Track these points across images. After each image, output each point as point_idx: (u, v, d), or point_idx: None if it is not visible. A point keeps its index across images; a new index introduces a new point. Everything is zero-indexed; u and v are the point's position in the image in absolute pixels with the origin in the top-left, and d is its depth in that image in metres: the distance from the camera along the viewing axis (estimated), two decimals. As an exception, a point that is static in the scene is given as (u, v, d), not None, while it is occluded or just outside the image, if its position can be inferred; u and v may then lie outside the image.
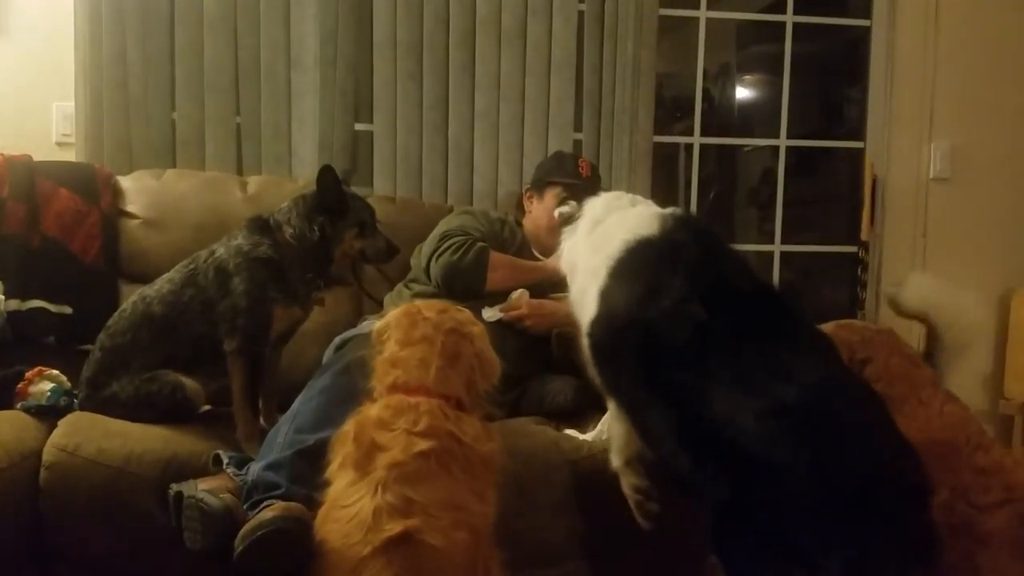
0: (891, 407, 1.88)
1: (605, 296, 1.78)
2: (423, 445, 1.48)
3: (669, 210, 1.90)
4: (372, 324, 2.24)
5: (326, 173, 2.12)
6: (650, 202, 2.03)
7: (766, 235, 3.82)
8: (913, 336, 3.30)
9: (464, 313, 1.75)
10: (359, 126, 3.14)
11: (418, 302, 1.78)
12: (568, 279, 2.05)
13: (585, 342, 1.83)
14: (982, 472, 1.75)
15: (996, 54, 3.55)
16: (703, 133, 3.55)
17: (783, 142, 3.62)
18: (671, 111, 3.97)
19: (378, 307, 2.58)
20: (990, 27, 3.55)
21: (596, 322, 1.79)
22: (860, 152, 3.65)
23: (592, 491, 1.99)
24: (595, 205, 2.04)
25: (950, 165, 3.51)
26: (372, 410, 1.57)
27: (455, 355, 1.64)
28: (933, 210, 3.53)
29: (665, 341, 1.61)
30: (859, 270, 3.53)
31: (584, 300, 1.86)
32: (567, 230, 2.08)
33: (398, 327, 1.68)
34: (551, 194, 2.65)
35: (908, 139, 3.51)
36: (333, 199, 2.12)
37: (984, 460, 1.77)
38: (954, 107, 3.52)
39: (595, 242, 1.90)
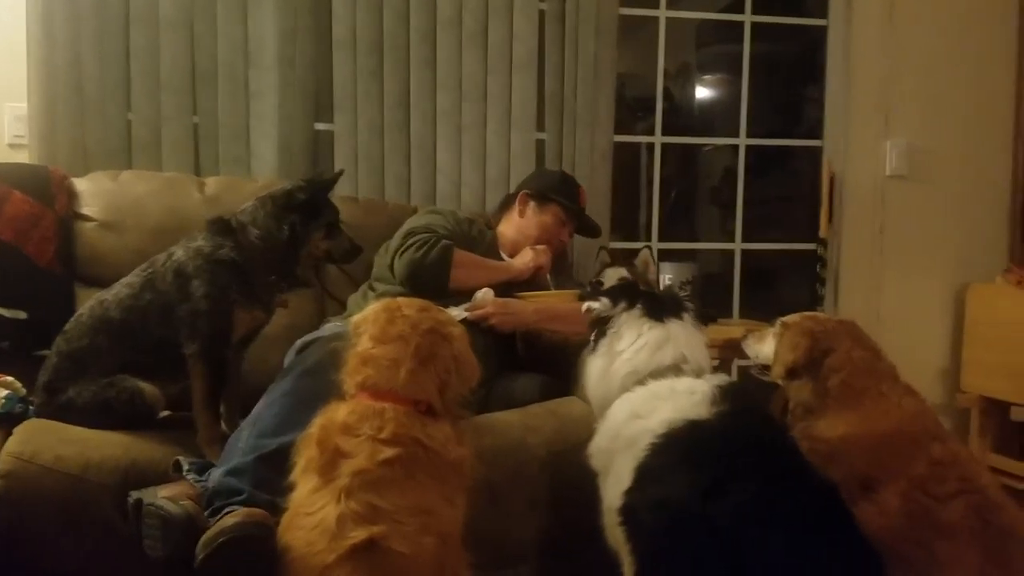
0: (852, 398, 1.93)
1: (648, 474, 1.61)
2: (388, 452, 1.46)
3: (717, 383, 1.71)
4: (335, 326, 2.25)
5: (312, 179, 2.13)
6: (699, 347, 1.84)
7: (728, 233, 3.85)
8: (873, 329, 3.36)
9: (445, 313, 1.73)
10: (320, 126, 3.11)
11: (399, 299, 1.75)
12: (590, 402, 1.91)
13: (615, 522, 1.66)
14: (938, 463, 1.78)
15: (951, 53, 3.62)
16: (664, 132, 3.57)
17: (743, 141, 3.66)
18: (633, 110, 4.00)
19: (341, 308, 2.57)
20: (945, 26, 3.61)
21: (638, 504, 1.60)
22: (819, 151, 3.69)
23: (561, 487, 2.00)
24: (635, 332, 1.82)
25: (906, 163, 3.57)
26: (338, 414, 1.55)
27: (430, 356, 1.62)
28: (890, 207, 3.59)
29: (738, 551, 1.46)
30: (818, 267, 3.58)
31: (611, 464, 1.71)
32: (593, 336, 1.90)
33: (375, 322, 1.66)
34: (552, 211, 2.65)
35: (865, 137, 3.56)
36: (312, 200, 2.10)
37: (940, 451, 1.80)
38: (910, 106, 3.57)
39: (636, 405, 1.72)
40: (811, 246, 3.64)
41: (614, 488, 1.68)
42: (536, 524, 1.99)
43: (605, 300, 1.88)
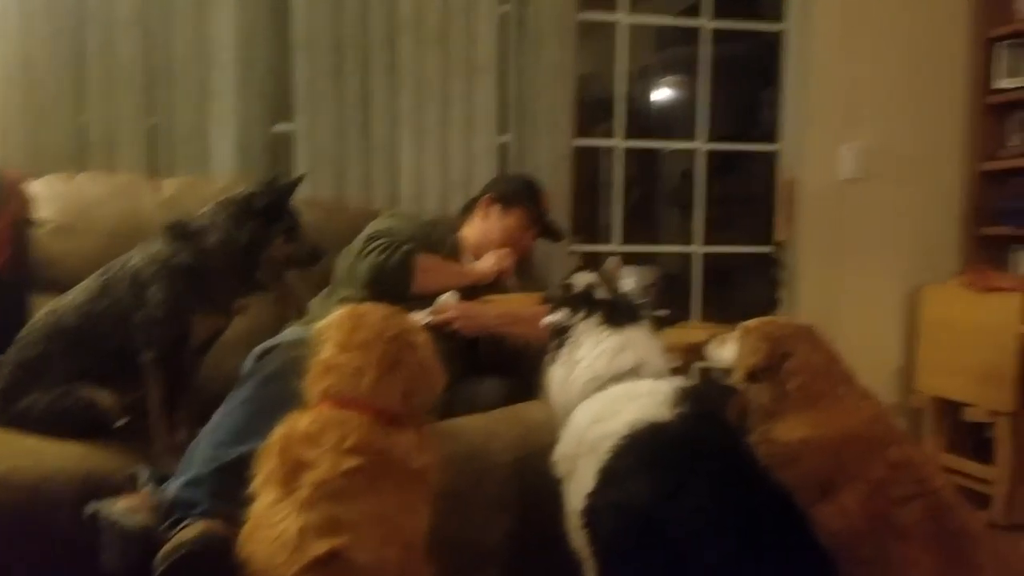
0: (810, 402, 1.96)
1: (610, 477, 1.62)
2: (350, 463, 1.44)
3: (679, 385, 1.73)
4: (295, 332, 2.22)
5: (272, 183, 2.10)
6: (656, 352, 1.84)
7: (688, 235, 3.87)
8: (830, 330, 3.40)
9: (409, 320, 1.72)
10: (279, 127, 3.07)
11: (364, 305, 1.72)
12: (553, 407, 1.90)
13: (578, 521, 1.67)
14: (895, 466, 1.80)
15: (906, 57, 3.67)
16: (625, 133, 3.57)
17: (701, 145, 3.68)
18: (593, 112, 4.01)
19: (301, 313, 2.53)
20: (900, 31, 3.66)
21: (600, 507, 1.62)
22: (777, 154, 3.73)
23: (525, 492, 1.99)
24: (594, 339, 1.83)
25: (862, 166, 3.61)
26: (299, 423, 1.53)
27: (394, 364, 1.59)
28: (846, 210, 3.63)
29: (692, 555, 1.47)
30: (775, 269, 3.61)
31: (575, 470, 1.71)
32: (553, 346, 1.90)
33: (339, 329, 1.63)
34: (516, 216, 2.64)
35: (821, 141, 3.61)
36: (273, 204, 2.07)
37: (896, 454, 1.82)
38: (866, 110, 3.62)
39: (597, 411, 1.72)
40: (768, 249, 3.68)
41: (578, 492, 1.68)
42: (500, 528, 1.98)
43: (564, 310, 1.89)
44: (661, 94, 5.61)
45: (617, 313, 1.86)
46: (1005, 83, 3.70)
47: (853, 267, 3.64)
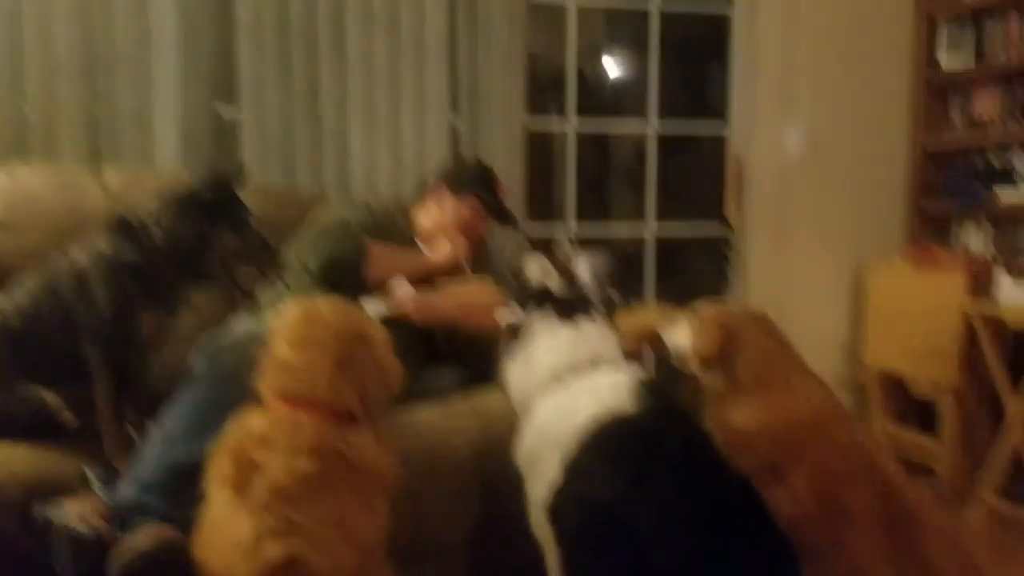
0: (762, 388, 1.98)
1: (576, 470, 1.63)
2: (306, 465, 1.42)
3: (638, 377, 1.75)
4: (245, 325, 2.18)
5: (219, 175, 2.05)
6: (611, 343, 1.86)
7: (642, 211, 3.88)
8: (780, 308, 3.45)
9: (365, 317, 1.70)
10: (224, 112, 3.01)
11: (318, 301, 1.69)
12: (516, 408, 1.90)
13: (543, 517, 1.68)
14: (845, 449, 1.84)
15: (850, 38, 3.71)
16: (577, 110, 3.56)
17: (652, 127, 3.69)
18: (544, 88, 3.98)
19: (252, 304, 2.49)
20: (844, 12, 3.70)
21: (566, 500, 1.63)
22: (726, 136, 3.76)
23: (485, 484, 2.00)
24: (549, 333, 1.84)
25: (808, 146, 3.65)
26: (252, 424, 1.51)
27: (349, 362, 1.57)
28: (793, 190, 3.68)
29: (656, 545, 1.49)
30: (726, 249, 3.65)
31: (538, 463, 1.72)
32: (509, 343, 1.91)
33: (292, 327, 1.60)
34: (470, 203, 2.61)
35: (769, 122, 3.64)
36: (220, 198, 2.03)
37: (846, 438, 1.87)
38: (811, 89, 3.66)
39: (560, 405, 1.73)
40: (720, 228, 3.71)
41: (542, 485, 1.69)
42: (459, 521, 1.98)
43: (518, 309, 1.91)
44: (613, 68, 5.59)
45: (571, 307, 1.88)
46: (948, 61, 3.76)
47: (801, 246, 3.70)
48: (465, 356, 2.39)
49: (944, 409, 3.34)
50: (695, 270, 4.40)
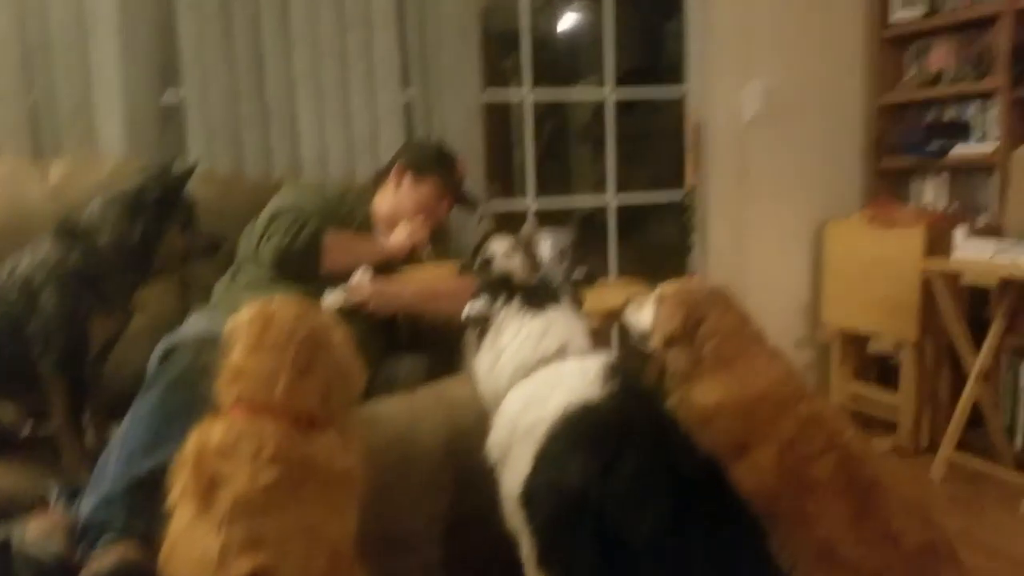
0: (724, 364, 2.01)
1: (546, 460, 1.65)
2: (269, 474, 1.40)
3: (605, 363, 1.75)
4: (200, 324, 2.15)
5: (162, 169, 2.01)
6: (579, 331, 1.86)
7: (601, 175, 3.87)
8: (740, 270, 3.49)
9: (324, 316, 1.67)
10: (168, 96, 2.93)
11: (274, 302, 1.65)
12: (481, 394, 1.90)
13: (516, 508, 1.70)
14: (805, 422, 1.87)
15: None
16: (533, 76, 3.51)
17: (609, 94, 3.66)
18: (498, 47, 3.93)
19: (205, 298, 2.44)
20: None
21: (538, 489, 1.65)
22: (682, 98, 3.74)
23: (454, 474, 2.01)
24: (516, 325, 1.83)
25: (765, 105, 3.65)
26: (213, 432, 1.48)
27: (309, 366, 1.54)
28: (752, 150, 3.69)
29: (626, 529, 1.52)
30: (686, 215, 3.66)
31: (510, 456, 1.73)
32: (475, 332, 1.91)
33: (249, 329, 1.57)
34: (429, 185, 2.59)
35: (725, 82, 3.63)
36: (166, 195, 1.99)
37: (806, 411, 1.89)
38: (766, 47, 3.65)
39: (529, 396, 1.74)
40: (679, 194, 3.72)
41: (514, 476, 1.71)
42: (429, 512, 1.99)
43: (483, 299, 1.89)
44: (567, 25, 5.53)
45: (537, 296, 1.88)
46: (902, 15, 3.77)
47: (761, 207, 3.72)
48: (428, 344, 2.38)
49: (904, 364, 3.40)
50: (658, 234, 4.41)
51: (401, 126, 3.11)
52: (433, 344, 2.37)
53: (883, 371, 3.71)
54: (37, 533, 1.56)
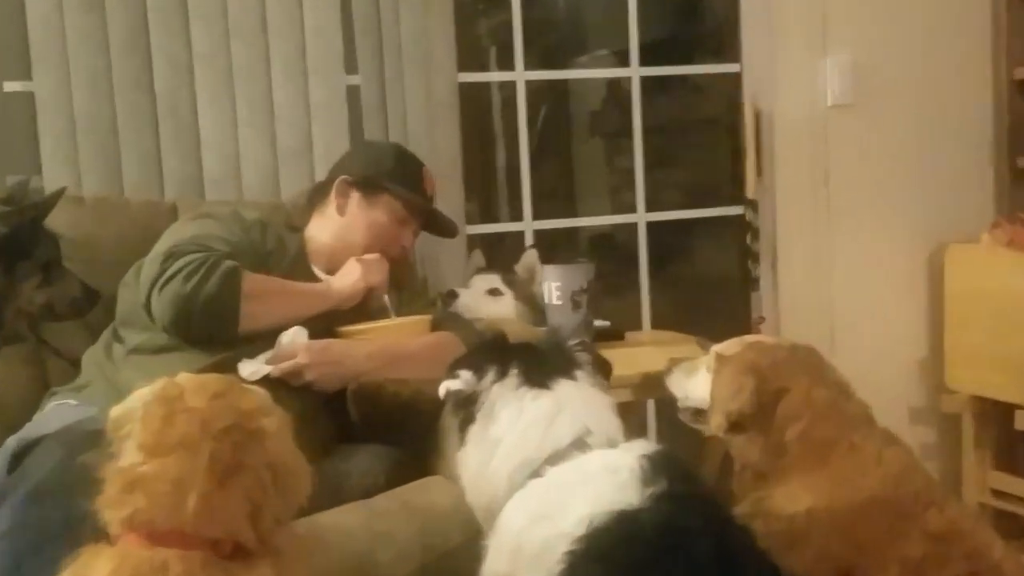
0: (817, 456, 2.02)
1: None
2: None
3: (643, 455, 1.73)
4: (64, 409, 2.15)
5: (11, 196, 2.04)
6: (603, 411, 1.86)
7: (618, 173, 3.90)
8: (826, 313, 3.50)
9: (252, 397, 1.67)
10: (11, 86, 2.97)
11: (181, 380, 1.65)
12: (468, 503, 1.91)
13: None
14: (938, 539, 1.89)
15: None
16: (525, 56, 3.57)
17: (635, 71, 3.71)
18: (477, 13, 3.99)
19: (73, 371, 2.45)
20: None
21: None
22: (735, 77, 3.79)
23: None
24: (516, 406, 1.82)
25: (852, 88, 3.68)
26: (94, 572, 1.49)
27: (232, 470, 1.54)
28: (835, 149, 3.71)
29: None
30: (748, 237, 3.69)
31: None
32: (457, 416, 1.91)
33: (145, 421, 1.57)
34: (385, 205, 2.63)
35: (797, 56, 3.66)
36: (18, 234, 2.01)
37: (938, 522, 1.91)
38: (854, 13, 3.69)
39: (538, 508, 1.73)
40: (737, 210, 3.75)
41: None
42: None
43: (465, 372, 1.87)
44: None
45: (541, 364, 1.87)
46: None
47: (850, 226, 3.74)
48: (389, 429, 2.38)
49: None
50: (707, 265, 4.44)
51: (344, 124, 3.16)
52: (397, 431, 2.37)
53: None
54: None
